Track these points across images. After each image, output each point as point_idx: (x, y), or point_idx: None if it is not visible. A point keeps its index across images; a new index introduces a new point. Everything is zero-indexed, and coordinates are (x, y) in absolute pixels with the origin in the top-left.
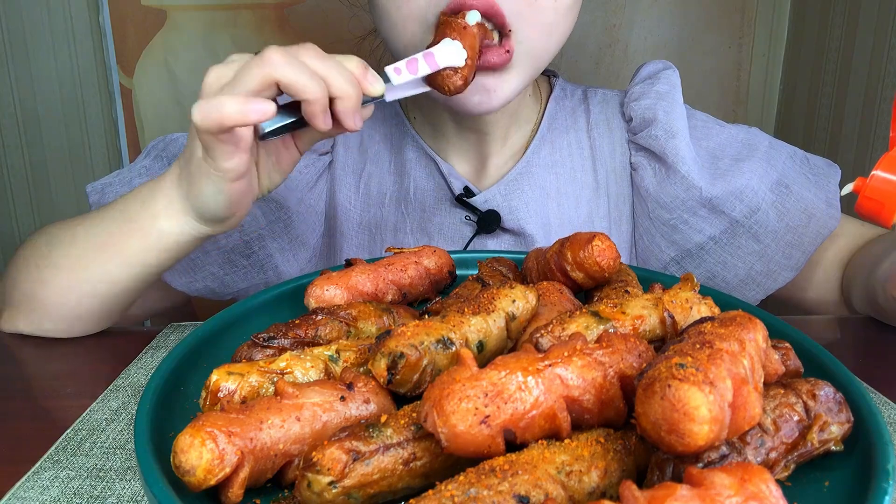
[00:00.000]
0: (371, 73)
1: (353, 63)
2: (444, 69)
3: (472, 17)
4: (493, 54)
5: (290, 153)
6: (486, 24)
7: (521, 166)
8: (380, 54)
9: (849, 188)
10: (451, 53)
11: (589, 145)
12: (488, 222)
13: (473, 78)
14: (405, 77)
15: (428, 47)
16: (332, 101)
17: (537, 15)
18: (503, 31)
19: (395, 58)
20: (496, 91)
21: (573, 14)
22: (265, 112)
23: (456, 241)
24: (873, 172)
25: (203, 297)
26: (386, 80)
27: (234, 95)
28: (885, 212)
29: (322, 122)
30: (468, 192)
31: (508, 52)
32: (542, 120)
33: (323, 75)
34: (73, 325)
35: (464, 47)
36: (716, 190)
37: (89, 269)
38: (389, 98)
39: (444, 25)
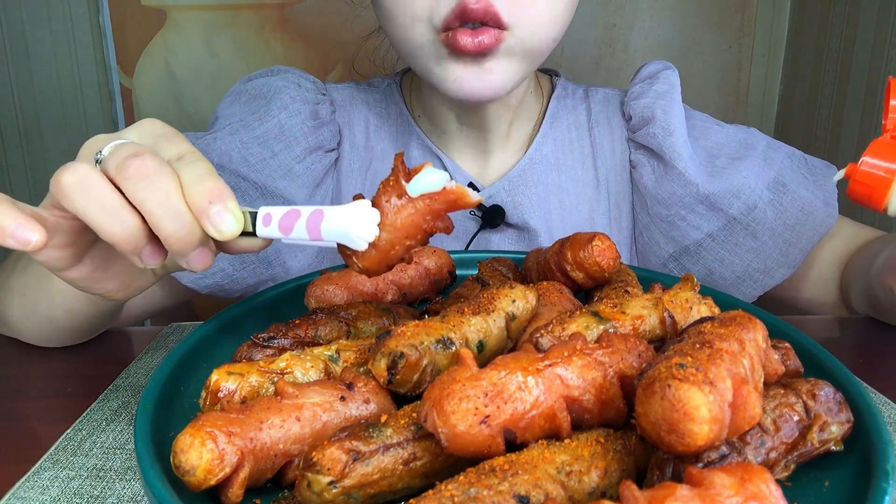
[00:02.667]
0: (219, 210)
1: (198, 190)
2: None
3: (416, 188)
4: (483, 35)
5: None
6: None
7: (525, 163)
8: (382, 53)
9: (840, 174)
10: (347, 224)
11: (590, 143)
12: (493, 217)
13: (390, 267)
14: (273, 232)
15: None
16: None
17: (535, 9)
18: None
19: (403, 59)
20: (493, 74)
21: (573, 5)
22: (25, 243)
23: (461, 237)
24: (863, 158)
25: (212, 293)
26: (254, 218)
27: (12, 212)
28: (876, 195)
29: (139, 261)
30: (472, 187)
31: (494, 40)
32: (544, 117)
33: (143, 207)
34: (49, 341)
35: (380, 223)
36: (713, 187)
37: (39, 299)
38: (286, 241)
39: (388, 180)
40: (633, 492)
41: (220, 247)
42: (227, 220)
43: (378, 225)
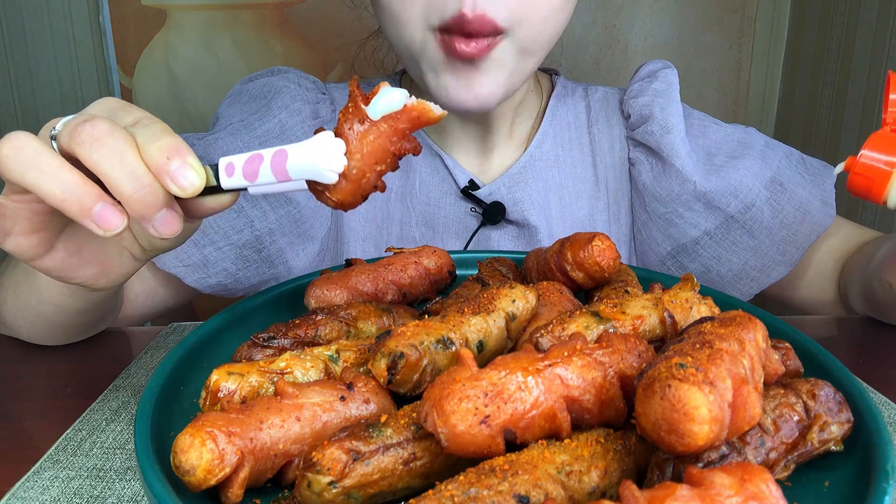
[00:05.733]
0: (178, 165)
1: (154, 147)
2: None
3: (377, 109)
4: (472, 43)
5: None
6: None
7: (525, 160)
8: (382, 55)
9: (840, 167)
10: (312, 159)
11: (589, 141)
12: (493, 213)
13: (365, 196)
14: (238, 181)
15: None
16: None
17: (530, 14)
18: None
19: (400, 59)
20: (483, 86)
21: (569, 7)
22: None
23: (461, 234)
24: (862, 151)
25: (215, 294)
26: (216, 172)
27: None
28: (875, 188)
29: (94, 226)
30: (473, 184)
31: (489, 45)
32: (544, 115)
33: (99, 171)
34: (44, 338)
35: (347, 152)
36: (710, 185)
37: (29, 295)
38: (254, 191)
39: (347, 107)
40: (633, 492)
41: (188, 210)
42: (188, 175)
43: (345, 154)
